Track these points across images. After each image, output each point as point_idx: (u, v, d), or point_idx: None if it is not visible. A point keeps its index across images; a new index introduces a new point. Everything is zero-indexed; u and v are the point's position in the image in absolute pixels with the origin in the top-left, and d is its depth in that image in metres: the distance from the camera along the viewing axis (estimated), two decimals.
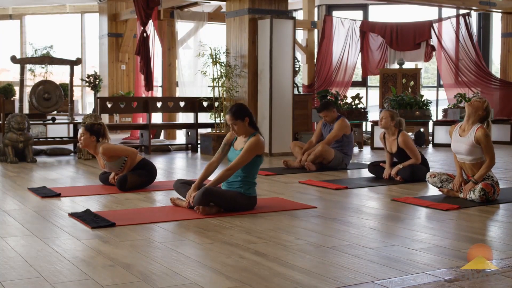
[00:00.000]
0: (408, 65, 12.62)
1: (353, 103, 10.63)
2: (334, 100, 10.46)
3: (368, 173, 7.06)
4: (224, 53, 9.64)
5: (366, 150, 10.49)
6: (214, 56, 9.46)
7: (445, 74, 13.02)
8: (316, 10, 13.41)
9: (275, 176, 7.01)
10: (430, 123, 11.22)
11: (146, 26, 10.43)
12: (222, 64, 9.49)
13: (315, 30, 13.36)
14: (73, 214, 4.58)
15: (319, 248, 3.67)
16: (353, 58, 13.52)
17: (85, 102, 15.47)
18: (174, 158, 9.12)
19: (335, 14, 13.73)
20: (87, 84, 13.30)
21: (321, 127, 7.82)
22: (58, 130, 11.14)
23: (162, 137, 11.91)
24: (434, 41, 12.99)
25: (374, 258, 3.42)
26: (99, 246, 3.69)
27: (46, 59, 10.94)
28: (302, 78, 13.27)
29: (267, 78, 9.16)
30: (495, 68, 13.42)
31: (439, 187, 5.58)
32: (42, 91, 9.67)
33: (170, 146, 10.17)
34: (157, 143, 10.40)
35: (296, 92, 10.12)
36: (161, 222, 4.36)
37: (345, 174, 7.24)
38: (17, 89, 11.26)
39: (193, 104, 10.02)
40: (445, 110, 11.69)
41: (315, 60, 13.34)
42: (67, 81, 10.09)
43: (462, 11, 12.65)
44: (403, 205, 5.14)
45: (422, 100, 10.84)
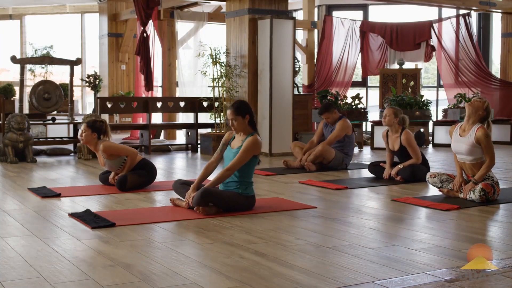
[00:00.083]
0: (408, 65, 12.62)
1: (353, 103, 10.63)
2: (334, 100, 10.46)
3: (368, 173, 7.06)
4: (224, 53, 9.64)
5: (366, 150, 10.49)
6: (214, 56, 9.46)
7: (445, 74, 13.02)
8: (316, 10, 13.41)
9: (275, 176, 7.01)
10: (430, 123, 11.22)
11: (146, 26, 10.43)
12: (222, 64, 9.49)
13: (315, 30, 13.36)
14: (73, 214, 4.58)
15: (319, 248, 3.67)
16: (353, 58, 13.52)
17: (85, 102, 15.47)
18: (174, 158, 9.12)
19: (335, 14, 13.73)
20: (87, 84, 13.30)
21: (322, 127, 7.81)
22: (58, 130, 11.13)
23: (162, 137, 11.91)
24: (434, 41, 12.99)
25: (374, 258, 3.42)
26: (99, 246, 3.70)
27: (46, 59, 10.94)
28: (302, 78, 13.27)
29: (267, 78, 9.16)
30: (495, 68, 13.41)
31: (439, 187, 5.58)
32: (42, 91, 9.67)
33: (170, 146, 10.17)
34: (157, 143, 10.40)
35: (296, 92, 10.12)
36: (161, 222, 4.36)
37: (345, 174, 7.24)
38: (17, 89, 11.26)
39: (193, 104, 10.02)
40: (445, 110, 11.69)
41: (315, 60, 13.34)
42: (67, 81, 10.09)
43: (462, 11, 12.64)
44: (403, 205, 5.14)
45: (422, 100, 10.84)
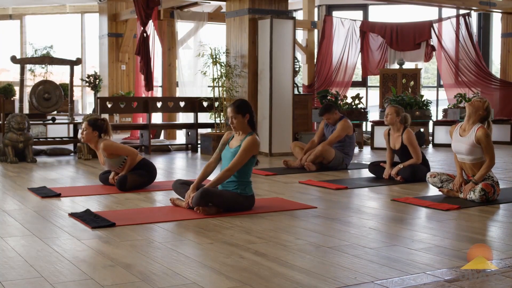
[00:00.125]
0: (408, 65, 12.62)
1: (353, 103, 10.63)
2: (334, 100, 10.46)
3: (368, 173, 7.06)
4: (224, 53, 9.63)
5: (366, 150, 10.49)
6: (214, 56, 9.46)
7: (445, 74, 13.02)
8: (316, 10, 13.41)
9: (275, 176, 7.01)
10: (430, 123, 11.22)
11: (146, 26, 10.43)
12: (222, 64, 9.49)
13: (315, 30, 13.36)
14: (73, 214, 4.58)
15: (319, 248, 3.67)
16: (353, 58, 13.51)
17: (85, 102, 15.47)
18: (174, 158, 9.12)
19: (335, 14, 13.73)
20: (87, 84, 13.30)
21: (323, 127, 7.81)
22: (58, 130, 11.13)
23: (162, 137, 11.91)
24: (434, 41, 12.99)
25: (374, 258, 3.42)
26: (99, 246, 3.69)
27: (46, 59, 10.94)
28: (302, 78, 13.27)
29: (267, 78, 9.16)
30: (495, 68, 13.41)
31: (439, 187, 5.58)
32: (42, 91, 9.67)
33: (170, 146, 10.17)
34: (157, 143, 10.40)
35: (296, 92, 10.11)
36: (161, 222, 4.36)
37: (345, 174, 7.24)
38: (17, 89, 11.26)
39: (193, 104, 10.01)
40: (445, 110, 11.68)
41: (315, 60, 13.34)
42: (67, 81, 10.09)
43: (462, 11, 12.64)
44: (403, 205, 5.14)
45: (422, 100, 10.84)
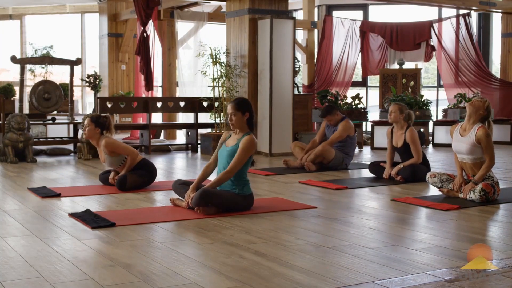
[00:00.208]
0: (408, 65, 12.62)
1: (353, 103, 10.62)
2: (334, 100, 10.46)
3: (368, 173, 7.06)
4: (224, 53, 9.63)
5: (366, 150, 10.48)
6: (214, 56, 9.46)
7: (445, 74, 13.02)
8: (316, 10, 13.41)
9: (275, 176, 7.01)
10: (430, 123, 11.22)
11: (146, 26, 10.43)
12: (222, 64, 9.49)
13: (315, 30, 13.36)
14: (73, 214, 4.58)
15: (319, 248, 3.67)
16: (353, 58, 13.51)
17: (85, 102, 15.47)
18: (174, 158, 9.12)
19: (335, 14, 13.73)
20: (87, 84, 13.30)
21: (325, 127, 7.81)
22: (58, 130, 11.14)
23: (162, 137, 11.91)
24: (434, 41, 12.99)
25: (374, 258, 3.42)
26: (99, 246, 3.70)
27: (46, 59, 10.93)
28: (302, 78, 13.27)
29: (267, 78, 9.16)
30: (495, 68, 13.41)
31: (439, 187, 5.58)
32: (42, 91, 9.67)
33: (170, 146, 10.16)
34: (157, 143, 10.39)
35: (296, 92, 10.12)
36: (161, 222, 4.36)
37: (345, 174, 7.23)
38: (17, 89, 11.26)
39: (193, 104, 10.01)
40: (445, 110, 11.69)
41: (315, 60, 13.34)
42: (67, 81, 10.09)
43: (462, 11, 12.64)
44: (403, 205, 5.14)
45: (422, 100, 10.85)
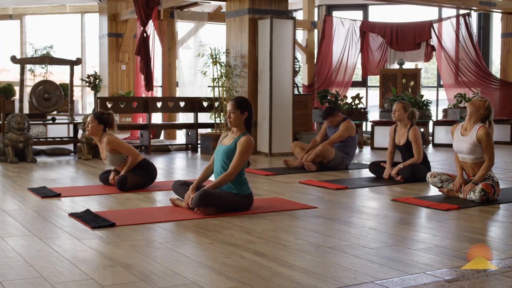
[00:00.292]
0: (408, 65, 12.61)
1: (353, 103, 10.62)
2: (334, 100, 10.46)
3: (368, 173, 7.06)
4: (224, 53, 9.63)
5: (366, 150, 10.48)
6: (214, 56, 9.46)
7: (445, 74, 13.02)
8: (316, 10, 13.40)
9: (275, 176, 7.01)
10: (430, 123, 11.22)
11: (146, 26, 10.43)
12: (222, 64, 9.49)
13: (315, 30, 13.36)
14: (73, 214, 4.58)
15: (319, 248, 3.67)
16: (353, 58, 13.51)
17: (85, 102, 15.47)
18: (174, 158, 9.12)
19: (335, 14, 13.73)
20: (87, 84, 13.30)
21: (326, 127, 7.82)
22: (58, 130, 11.14)
23: (162, 137, 11.91)
24: (434, 41, 12.99)
25: (374, 258, 3.42)
26: (99, 246, 3.70)
27: (46, 59, 10.93)
28: (302, 78, 13.27)
29: (267, 78, 9.16)
30: (495, 68, 13.41)
31: (439, 187, 5.58)
32: (42, 91, 9.67)
33: (170, 146, 10.16)
34: (157, 143, 10.39)
35: (296, 92, 10.12)
36: (161, 222, 4.36)
37: (345, 174, 7.23)
38: (17, 89, 11.26)
39: (193, 104, 10.01)
40: (445, 110, 11.69)
41: (315, 60, 13.34)
42: (67, 81, 10.09)
43: (462, 11, 12.63)
44: (403, 205, 5.14)
45: (422, 100, 10.85)
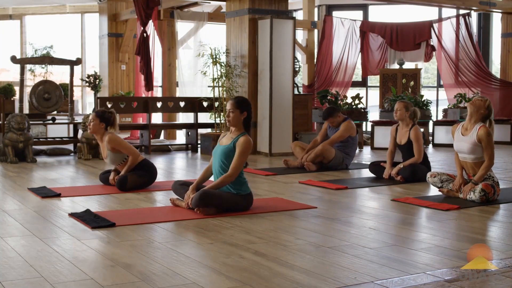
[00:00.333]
0: (408, 65, 12.61)
1: (353, 103, 10.62)
2: (334, 100, 10.46)
3: (368, 173, 7.06)
4: (224, 53, 9.63)
5: (366, 150, 10.48)
6: (214, 56, 9.46)
7: (445, 74, 13.01)
8: (316, 10, 13.40)
9: (275, 176, 7.01)
10: (430, 123, 11.22)
11: (146, 26, 10.43)
12: (222, 64, 9.49)
13: (315, 30, 13.36)
14: (73, 214, 4.58)
15: (319, 248, 3.67)
16: (353, 58, 13.51)
17: (85, 102, 15.47)
18: (174, 158, 9.12)
19: (335, 14, 13.72)
20: (87, 84, 13.30)
21: (326, 128, 7.82)
22: (58, 130, 11.13)
23: (162, 137, 11.91)
24: (434, 41, 12.98)
25: (374, 258, 3.42)
26: (99, 246, 3.70)
27: (46, 59, 10.93)
28: (302, 78, 13.27)
29: (267, 78, 9.16)
30: (495, 68, 13.41)
31: (439, 187, 5.58)
32: (42, 91, 9.67)
33: (170, 146, 10.16)
34: (157, 143, 10.39)
35: (296, 92, 10.11)
36: (161, 222, 4.36)
37: (345, 174, 7.23)
38: (17, 89, 11.26)
39: (193, 104, 10.01)
40: (445, 110, 11.69)
41: (315, 60, 13.34)
42: (67, 81, 10.09)
43: (462, 11, 12.63)
44: (403, 205, 5.14)
45: (422, 100, 10.84)
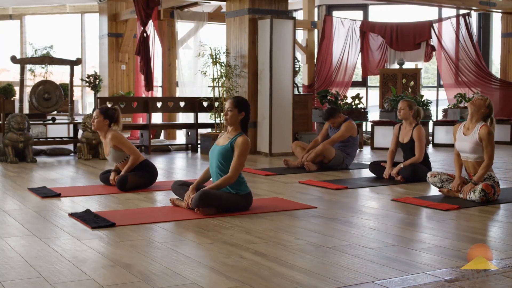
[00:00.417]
0: (408, 65, 12.61)
1: (353, 103, 10.63)
2: (334, 100, 10.46)
3: (368, 173, 7.06)
4: (224, 53, 9.63)
5: (366, 150, 10.48)
6: (214, 56, 9.46)
7: (445, 74, 13.01)
8: (316, 10, 13.40)
9: (275, 176, 7.01)
10: (430, 123, 11.22)
11: (146, 26, 10.42)
12: (222, 64, 9.49)
13: (315, 30, 13.36)
14: (73, 214, 4.58)
15: (319, 248, 3.67)
16: (353, 58, 13.51)
17: (85, 102, 15.47)
18: (174, 158, 9.12)
19: (335, 14, 13.72)
20: (87, 84, 13.30)
21: (327, 128, 7.82)
22: (58, 130, 11.13)
23: (162, 137, 11.91)
24: (434, 41, 12.98)
25: (374, 258, 3.42)
26: (99, 246, 3.70)
27: (46, 59, 10.93)
28: (302, 78, 13.27)
29: (267, 78, 9.15)
30: (495, 68, 13.41)
31: (440, 187, 5.58)
32: (42, 91, 9.67)
33: (170, 146, 10.16)
34: (157, 143, 10.39)
35: (296, 92, 10.12)
36: (161, 222, 4.36)
37: (345, 174, 7.23)
38: (17, 89, 11.26)
39: (193, 104, 10.01)
40: (445, 110, 11.69)
41: (315, 60, 13.34)
42: (67, 81, 10.09)
43: (462, 11, 12.63)
44: (403, 205, 5.14)
45: (422, 100, 10.84)
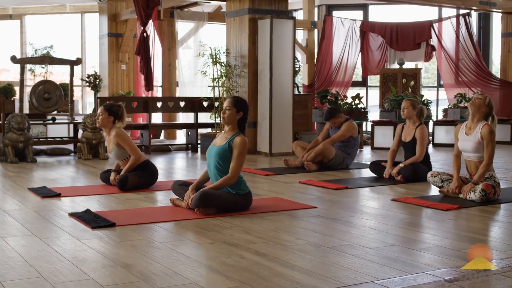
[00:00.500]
0: (408, 65, 12.61)
1: (353, 103, 10.62)
2: (334, 100, 10.46)
3: (368, 173, 7.06)
4: (224, 53, 9.63)
5: (367, 150, 10.48)
6: (214, 56, 9.46)
7: (445, 74, 13.02)
8: (316, 10, 13.40)
9: (275, 176, 7.01)
10: (430, 123, 11.22)
11: (146, 26, 10.42)
12: (222, 64, 9.49)
13: (315, 30, 13.36)
14: (73, 214, 4.58)
15: (319, 248, 3.67)
16: (353, 58, 13.51)
17: (85, 102, 15.47)
18: (174, 158, 9.12)
19: (335, 14, 13.72)
20: (87, 84, 13.29)
21: (328, 128, 7.83)
22: (58, 130, 11.13)
23: (162, 137, 11.91)
24: (434, 41, 12.98)
25: (374, 258, 3.42)
26: (99, 246, 3.69)
27: (46, 59, 10.92)
28: (302, 78, 13.27)
29: (267, 78, 9.15)
30: (495, 68, 13.41)
31: (440, 187, 5.58)
32: (42, 91, 9.67)
33: (170, 146, 10.17)
34: (157, 143, 10.40)
35: (296, 92, 10.12)
36: (161, 222, 4.36)
37: (345, 174, 7.23)
38: (17, 89, 11.25)
39: (193, 104, 10.01)
40: (445, 110, 11.69)
41: (315, 60, 13.34)
42: (67, 81, 10.09)
43: (462, 11, 12.63)
44: (403, 205, 5.14)
45: (422, 100, 10.84)
